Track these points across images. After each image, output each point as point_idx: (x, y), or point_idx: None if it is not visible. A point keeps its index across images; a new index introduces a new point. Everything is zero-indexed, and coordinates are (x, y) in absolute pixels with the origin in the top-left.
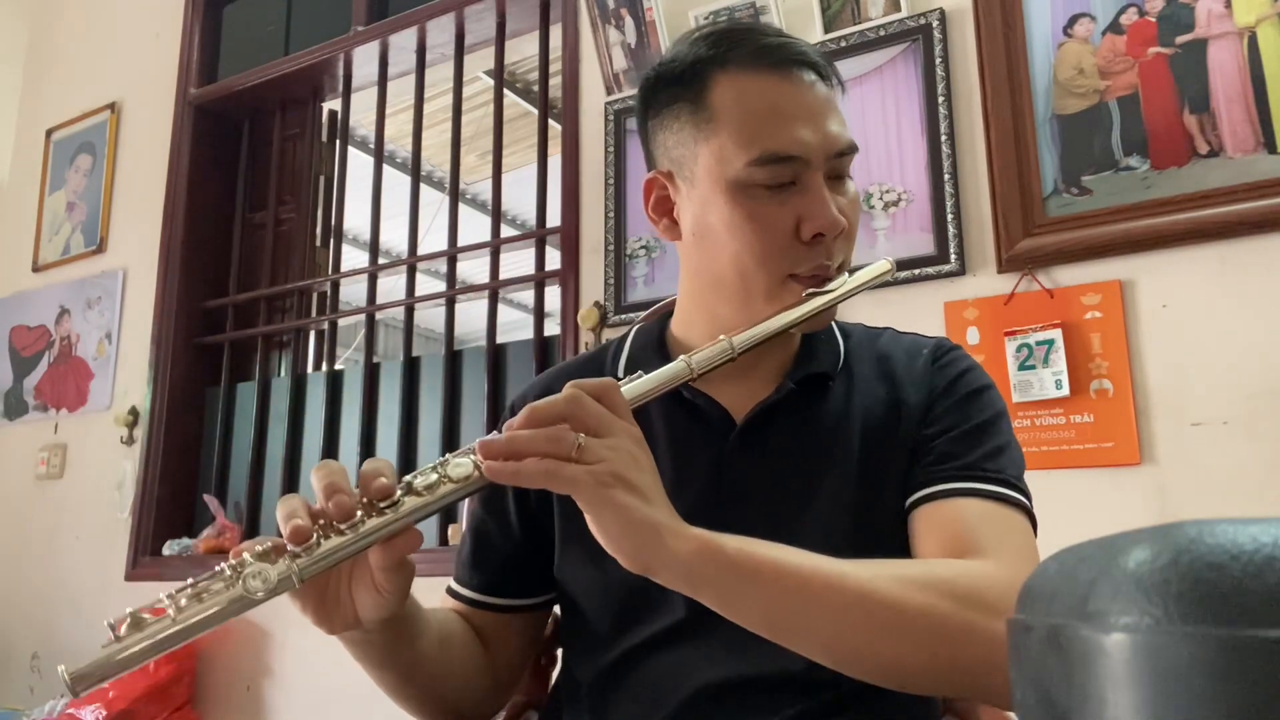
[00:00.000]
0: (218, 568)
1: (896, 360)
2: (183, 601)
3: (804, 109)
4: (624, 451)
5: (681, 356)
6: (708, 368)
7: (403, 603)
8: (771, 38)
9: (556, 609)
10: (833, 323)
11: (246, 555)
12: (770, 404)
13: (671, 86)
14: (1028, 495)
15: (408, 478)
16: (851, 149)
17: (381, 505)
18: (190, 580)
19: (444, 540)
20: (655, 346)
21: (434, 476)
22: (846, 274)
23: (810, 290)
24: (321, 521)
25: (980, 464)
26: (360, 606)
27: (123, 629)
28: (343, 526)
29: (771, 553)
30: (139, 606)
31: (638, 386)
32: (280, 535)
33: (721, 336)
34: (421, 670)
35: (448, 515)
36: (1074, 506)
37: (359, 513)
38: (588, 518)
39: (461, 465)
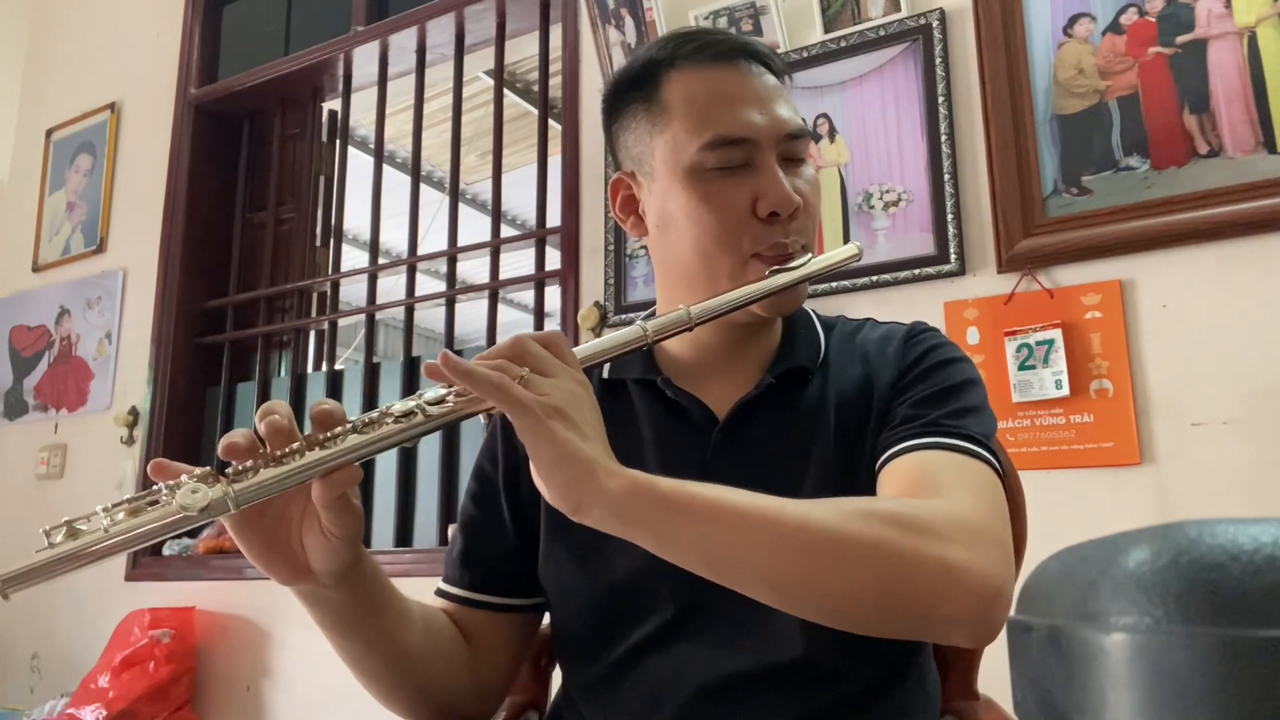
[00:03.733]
0: (156, 487)
1: (871, 346)
2: (119, 515)
3: (751, 94)
4: (566, 390)
5: (638, 322)
6: (664, 334)
7: (352, 552)
8: (718, 35)
9: (547, 623)
10: (814, 316)
11: (184, 477)
12: (751, 399)
13: (628, 91)
14: (995, 454)
15: (353, 418)
16: (803, 133)
17: (323, 439)
18: (128, 497)
19: (444, 540)
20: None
21: (376, 415)
22: (811, 255)
23: (774, 268)
24: (263, 451)
25: (941, 421)
26: (310, 554)
27: (58, 537)
28: (281, 455)
29: (706, 490)
30: (75, 517)
31: (592, 346)
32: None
33: (681, 306)
34: (396, 651)
35: (448, 516)
36: (1074, 506)
37: (299, 444)
38: (527, 448)
39: (406, 407)
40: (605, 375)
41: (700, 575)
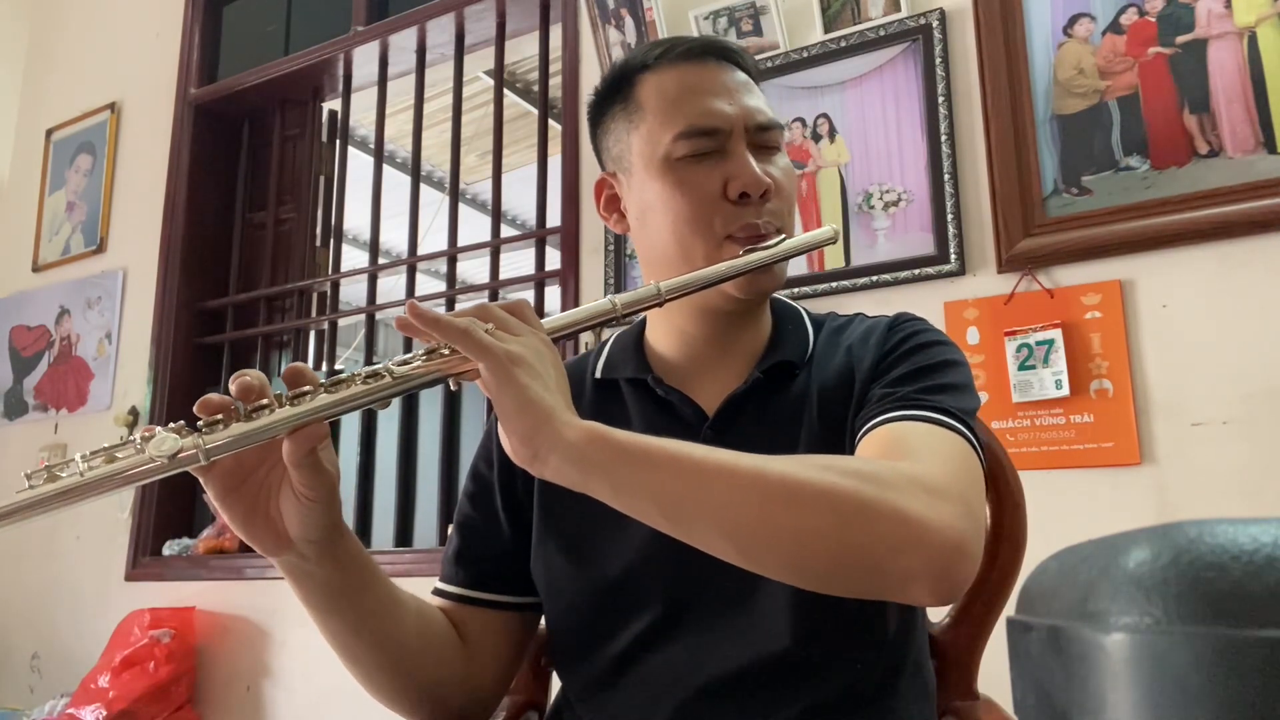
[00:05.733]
0: (131, 438)
1: (856, 337)
2: (96, 462)
3: (720, 87)
4: (531, 345)
5: (608, 296)
6: (633, 308)
7: (328, 518)
8: (689, 38)
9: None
10: (803, 313)
11: (158, 429)
12: (739, 394)
13: (608, 97)
14: (972, 430)
15: (325, 381)
16: (774, 124)
17: (292, 397)
18: (105, 445)
19: (444, 540)
20: (632, 349)
21: (346, 377)
22: (785, 237)
23: (748, 248)
24: (235, 408)
25: (915, 395)
26: (288, 519)
27: (39, 480)
28: (251, 410)
29: (663, 442)
30: (54, 463)
31: (561, 317)
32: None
33: (652, 282)
34: (382, 635)
35: (447, 516)
36: (1074, 506)
37: (268, 401)
38: (491, 396)
39: (374, 370)
40: (599, 375)
41: (657, 528)
